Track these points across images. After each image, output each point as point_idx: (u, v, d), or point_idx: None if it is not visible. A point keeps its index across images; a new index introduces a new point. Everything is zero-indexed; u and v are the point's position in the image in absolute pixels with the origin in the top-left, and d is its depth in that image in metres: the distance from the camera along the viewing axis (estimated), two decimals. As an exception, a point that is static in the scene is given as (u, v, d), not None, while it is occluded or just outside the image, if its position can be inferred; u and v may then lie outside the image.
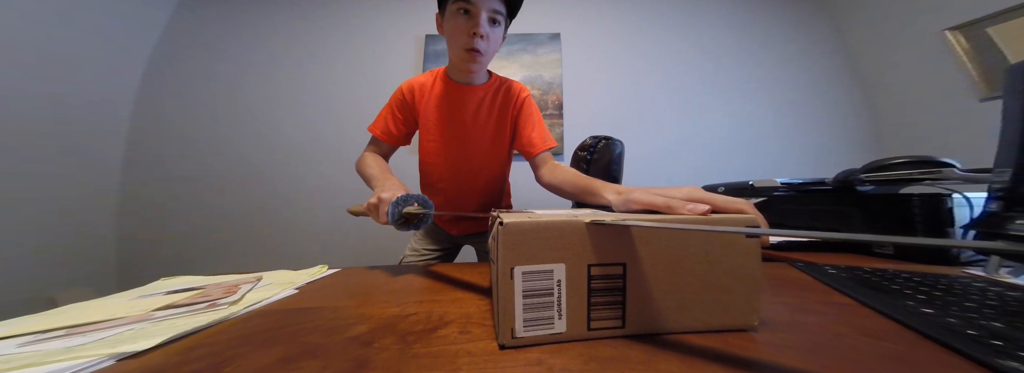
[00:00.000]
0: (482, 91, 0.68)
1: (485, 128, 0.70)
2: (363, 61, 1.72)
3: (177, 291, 0.39)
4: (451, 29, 0.58)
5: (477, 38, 0.56)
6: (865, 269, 0.37)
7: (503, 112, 0.70)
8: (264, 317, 0.29)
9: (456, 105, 0.68)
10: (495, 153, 0.73)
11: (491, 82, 0.69)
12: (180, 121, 1.64)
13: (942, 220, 0.42)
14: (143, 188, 1.58)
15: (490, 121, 0.70)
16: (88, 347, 0.22)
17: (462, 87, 0.67)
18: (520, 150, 0.70)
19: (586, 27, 1.75)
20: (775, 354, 0.19)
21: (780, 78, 1.72)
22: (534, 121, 0.69)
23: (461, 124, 0.69)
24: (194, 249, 1.56)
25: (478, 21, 0.55)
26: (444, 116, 0.69)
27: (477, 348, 0.21)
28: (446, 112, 0.68)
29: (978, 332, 0.20)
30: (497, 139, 0.71)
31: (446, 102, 0.68)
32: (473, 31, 0.56)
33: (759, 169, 1.61)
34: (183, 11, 1.72)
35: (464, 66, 0.61)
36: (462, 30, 0.56)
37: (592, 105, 1.68)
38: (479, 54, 0.58)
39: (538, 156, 0.65)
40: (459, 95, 0.68)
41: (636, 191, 0.31)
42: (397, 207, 0.43)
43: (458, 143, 0.70)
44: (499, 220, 0.21)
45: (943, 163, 0.48)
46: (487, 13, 0.56)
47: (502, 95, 0.69)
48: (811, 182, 0.64)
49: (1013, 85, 0.34)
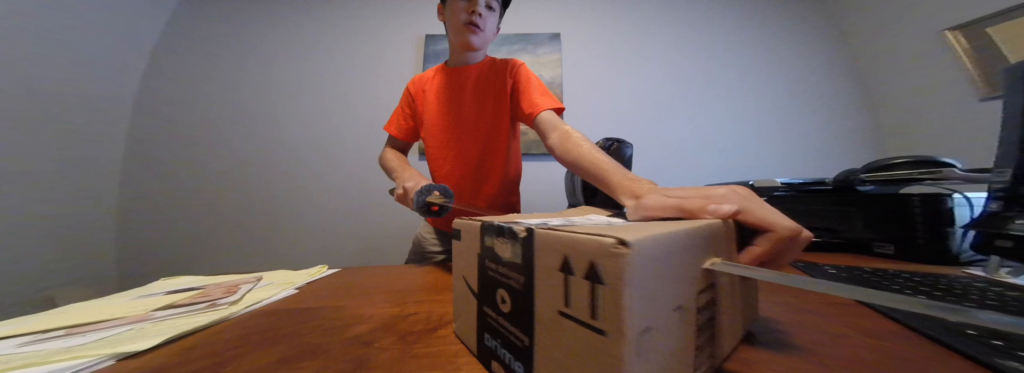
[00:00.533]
0: (477, 69, 0.71)
1: (484, 106, 0.70)
2: (363, 62, 1.72)
3: (177, 291, 0.39)
4: (451, 11, 0.65)
5: (475, 15, 0.63)
6: (865, 269, 0.37)
7: (499, 85, 0.70)
8: (264, 317, 0.29)
9: (455, 88, 0.71)
10: (499, 129, 0.71)
11: (486, 61, 0.73)
12: (180, 121, 1.64)
13: (942, 220, 0.42)
14: (143, 188, 1.58)
15: (488, 97, 0.70)
16: (88, 347, 0.22)
17: (458, 69, 0.72)
18: (522, 116, 0.65)
19: (586, 27, 1.75)
20: (776, 354, 0.19)
21: (780, 78, 1.71)
22: (533, 84, 0.66)
23: (460, 106, 0.71)
24: (194, 249, 1.56)
25: (476, 2, 0.63)
26: (443, 102, 0.72)
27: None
28: (446, 97, 0.72)
29: (978, 332, 0.20)
30: (497, 112, 0.70)
31: (445, 88, 0.72)
32: (472, 9, 0.63)
33: (760, 169, 1.61)
34: (183, 11, 1.72)
35: (465, 40, 0.66)
36: (461, 9, 0.64)
37: (592, 105, 1.68)
38: (477, 28, 0.65)
39: (542, 117, 0.60)
40: (457, 78, 0.71)
41: (652, 196, 0.25)
42: (421, 196, 0.48)
43: (459, 127, 0.71)
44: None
45: (943, 163, 0.48)
46: None
47: (497, 68, 0.71)
48: (811, 182, 0.64)
49: (1013, 85, 0.33)
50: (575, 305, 0.12)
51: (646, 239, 0.12)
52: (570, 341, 0.12)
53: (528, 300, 0.14)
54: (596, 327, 0.11)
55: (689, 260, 0.14)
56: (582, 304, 0.12)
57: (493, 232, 0.17)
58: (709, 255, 0.15)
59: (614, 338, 0.11)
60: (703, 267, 0.15)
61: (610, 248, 0.11)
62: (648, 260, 0.11)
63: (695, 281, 0.14)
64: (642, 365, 0.11)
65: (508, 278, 0.16)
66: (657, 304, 0.12)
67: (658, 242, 0.12)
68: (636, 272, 0.11)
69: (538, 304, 0.14)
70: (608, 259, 0.11)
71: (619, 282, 0.11)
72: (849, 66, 1.70)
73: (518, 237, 0.15)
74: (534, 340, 0.14)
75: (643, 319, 0.11)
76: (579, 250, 0.12)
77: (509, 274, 0.16)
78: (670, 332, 0.13)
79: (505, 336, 0.16)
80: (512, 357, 0.16)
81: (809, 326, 0.23)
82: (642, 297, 0.11)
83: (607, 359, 0.11)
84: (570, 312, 0.12)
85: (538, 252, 0.14)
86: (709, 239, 0.16)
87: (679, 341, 0.13)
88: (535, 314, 0.14)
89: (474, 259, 0.20)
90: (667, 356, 0.13)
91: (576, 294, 0.12)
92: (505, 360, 0.16)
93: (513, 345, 0.16)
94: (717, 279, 0.16)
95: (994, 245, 0.32)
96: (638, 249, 0.11)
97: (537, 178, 1.55)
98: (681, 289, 0.13)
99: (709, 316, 0.16)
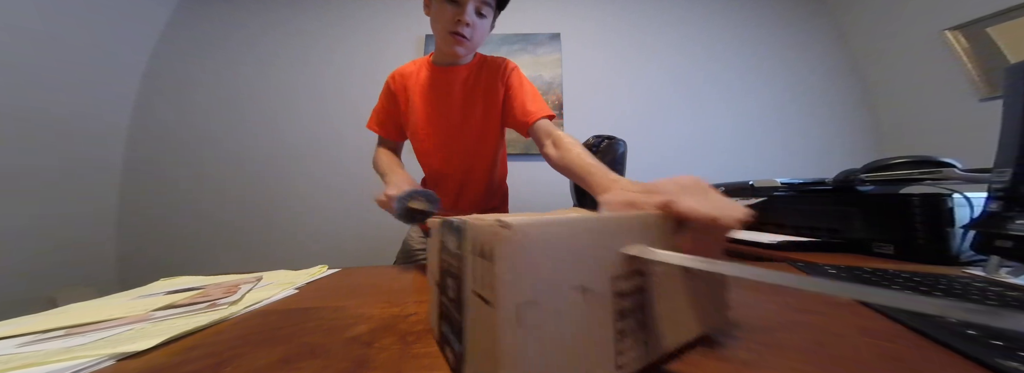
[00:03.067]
0: (466, 70, 0.67)
1: (473, 106, 0.67)
2: (363, 62, 1.72)
3: (177, 291, 0.39)
4: (437, 13, 0.59)
5: (462, 25, 0.58)
6: (865, 269, 0.37)
7: (491, 87, 0.67)
8: (264, 317, 0.29)
9: (441, 89, 0.67)
10: (487, 134, 0.70)
11: (475, 60, 0.69)
12: (180, 121, 1.64)
13: (942, 220, 0.42)
14: (143, 188, 1.58)
15: (477, 98, 0.67)
16: (88, 347, 0.22)
17: (446, 69, 0.67)
18: (515, 123, 0.64)
19: (586, 27, 1.75)
20: (775, 354, 0.19)
21: (780, 78, 1.71)
22: (526, 90, 0.65)
23: (448, 106, 0.67)
24: (194, 249, 1.56)
25: (464, 10, 0.57)
26: (431, 102, 0.67)
27: (477, 348, 0.21)
28: (433, 97, 0.67)
29: (978, 332, 0.20)
30: (487, 117, 0.68)
31: (432, 87, 0.67)
32: (458, 18, 0.57)
33: (759, 169, 1.61)
34: (183, 11, 1.72)
35: (449, 50, 0.62)
36: (447, 16, 0.58)
37: (592, 105, 1.68)
38: (463, 38, 0.59)
39: (536, 126, 0.60)
40: (444, 77, 0.67)
41: (613, 192, 0.28)
42: (401, 202, 0.45)
43: (447, 127, 0.68)
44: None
45: (943, 163, 0.48)
46: (474, 3, 0.58)
47: (487, 71, 0.67)
48: (811, 182, 0.64)
49: (1013, 85, 0.34)
50: (479, 283, 0.14)
51: (532, 222, 0.13)
52: (478, 317, 0.14)
53: (462, 283, 0.16)
54: (485, 298, 0.13)
55: (599, 245, 0.15)
56: (482, 282, 0.14)
57: (447, 227, 0.20)
58: (639, 243, 0.16)
59: (495, 308, 0.13)
60: (621, 252, 0.16)
61: (495, 228, 0.13)
62: (528, 238, 0.13)
63: (608, 265, 0.15)
64: (526, 335, 0.13)
65: (453, 266, 0.18)
66: (543, 281, 0.13)
67: (546, 225, 0.14)
68: (512, 248, 0.13)
69: (465, 286, 0.16)
70: (491, 237, 0.13)
71: (496, 256, 0.13)
72: (849, 66, 1.70)
73: (458, 229, 0.17)
74: (464, 320, 0.16)
75: (522, 291, 0.13)
76: (484, 235, 0.14)
77: (453, 262, 0.18)
78: (566, 310, 0.14)
79: (451, 320, 0.18)
80: (455, 339, 0.17)
81: (809, 326, 0.23)
82: (522, 271, 0.13)
83: (491, 327, 0.13)
84: (477, 289, 0.14)
85: (468, 241, 0.16)
86: (635, 228, 0.17)
87: (584, 321, 0.14)
88: (464, 296, 0.16)
89: (437, 253, 0.22)
90: (565, 333, 0.14)
91: (480, 273, 0.14)
92: (451, 343, 0.18)
93: (454, 328, 0.17)
94: (647, 268, 0.17)
95: (994, 245, 0.32)
96: (517, 229, 0.13)
97: (535, 179, 1.55)
98: (582, 270, 0.15)
99: (636, 303, 0.16)
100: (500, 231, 0.13)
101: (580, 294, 0.14)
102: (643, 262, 0.17)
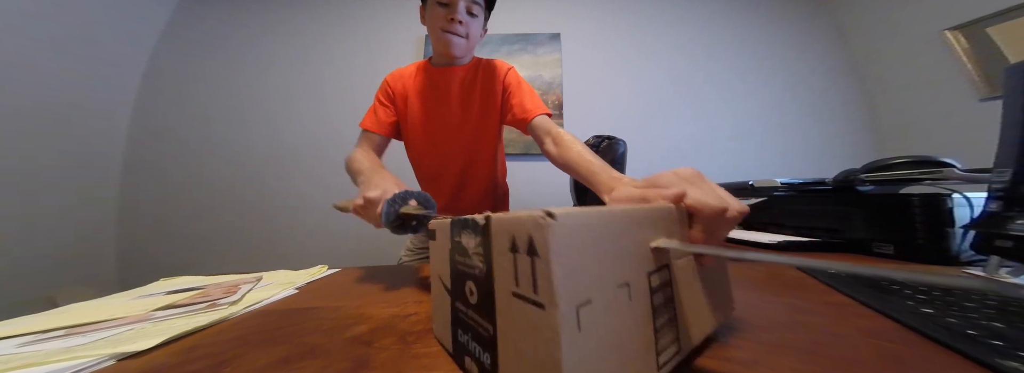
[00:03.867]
0: (463, 71, 0.68)
1: (470, 108, 0.68)
2: (363, 62, 1.72)
3: (177, 291, 0.39)
4: (430, 16, 0.62)
5: (455, 23, 0.60)
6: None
7: (488, 88, 0.67)
8: (264, 317, 0.29)
9: (439, 89, 0.68)
10: (485, 135, 0.70)
11: (472, 62, 0.70)
12: (180, 121, 1.64)
13: (942, 220, 0.42)
14: (143, 188, 1.57)
15: (475, 99, 0.68)
16: (88, 347, 0.22)
17: (444, 69, 0.68)
18: (514, 121, 0.65)
19: (586, 27, 1.75)
20: (775, 354, 0.19)
21: (780, 78, 1.71)
22: (524, 89, 0.66)
23: (446, 107, 0.68)
24: (194, 249, 1.56)
25: (455, 9, 0.60)
26: (428, 103, 0.68)
27: (477, 348, 0.21)
28: (430, 98, 0.68)
29: (978, 332, 0.20)
30: (484, 119, 0.68)
31: (429, 88, 0.68)
32: (450, 17, 0.60)
33: (760, 169, 1.61)
34: (183, 11, 1.72)
35: (445, 50, 0.63)
36: (440, 17, 0.61)
37: (592, 105, 1.67)
38: (457, 35, 0.62)
39: (535, 122, 0.61)
40: (441, 78, 0.68)
41: (621, 189, 0.27)
42: (393, 206, 0.36)
43: (444, 129, 0.69)
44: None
45: (943, 163, 0.48)
46: (464, 3, 0.60)
47: (484, 72, 0.68)
48: (811, 182, 0.64)
49: (1013, 85, 0.33)
50: (521, 283, 0.13)
51: (574, 212, 0.12)
52: (521, 321, 0.13)
53: (489, 286, 0.15)
54: (536, 301, 0.12)
55: (632, 238, 0.15)
56: (527, 281, 0.12)
57: (460, 226, 0.18)
58: (660, 236, 0.16)
59: (551, 310, 0.11)
60: (651, 246, 0.15)
61: (539, 220, 0.12)
62: (575, 231, 0.12)
63: (643, 260, 0.15)
64: (585, 340, 0.11)
65: (473, 268, 0.16)
66: (594, 277, 0.12)
67: (588, 216, 0.13)
68: (563, 241, 0.11)
69: (497, 289, 0.14)
70: (538, 230, 0.12)
71: (548, 251, 0.11)
72: (849, 66, 1.70)
73: (479, 226, 0.16)
74: (496, 327, 0.14)
75: (578, 291, 0.12)
76: (521, 228, 0.13)
77: (474, 264, 0.16)
78: (616, 309, 0.13)
79: (474, 328, 0.16)
80: (480, 349, 0.16)
81: (809, 326, 0.23)
82: (574, 268, 0.12)
83: (547, 333, 0.11)
84: (519, 290, 0.13)
85: (494, 238, 0.14)
86: (656, 221, 0.17)
87: (629, 319, 0.13)
88: (495, 300, 0.14)
89: (446, 255, 0.20)
90: (616, 334, 0.13)
91: (522, 272, 0.13)
92: (475, 353, 0.16)
93: (481, 336, 0.16)
94: (670, 261, 0.16)
95: (994, 245, 0.32)
96: (563, 220, 0.11)
97: (535, 179, 1.55)
98: (625, 265, 0.14)
99: (665, 298, 0.16)
100: (549, 222, 0.11)
101: (626, 291, 0.13)
102: (668, 257, 0.16)
